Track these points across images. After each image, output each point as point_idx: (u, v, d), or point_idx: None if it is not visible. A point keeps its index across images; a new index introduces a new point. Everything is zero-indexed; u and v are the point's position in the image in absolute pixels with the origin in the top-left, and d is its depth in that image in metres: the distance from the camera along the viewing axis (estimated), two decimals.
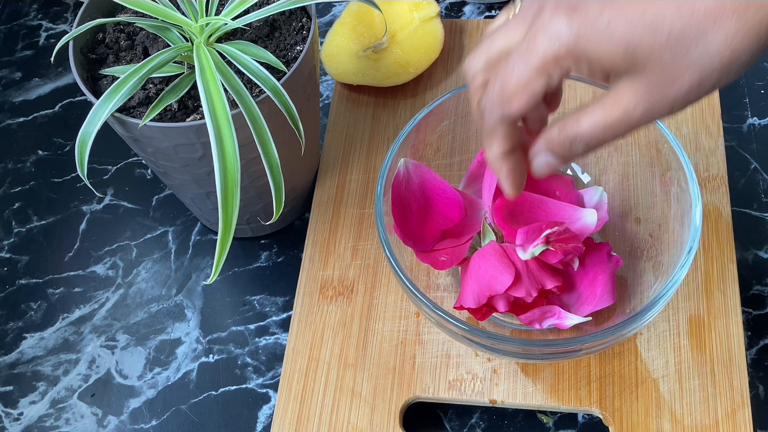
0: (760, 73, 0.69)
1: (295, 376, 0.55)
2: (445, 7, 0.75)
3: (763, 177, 0.63)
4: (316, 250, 0.60)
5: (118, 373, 0.58)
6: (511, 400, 0.53)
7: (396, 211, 0.51)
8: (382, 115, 0.66)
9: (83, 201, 0.67)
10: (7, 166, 0.69)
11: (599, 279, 0.51)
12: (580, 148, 0.38)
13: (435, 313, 0.47)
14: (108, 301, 0.61)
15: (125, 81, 0.47)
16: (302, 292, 0.58)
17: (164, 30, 0.51)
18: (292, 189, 0.60)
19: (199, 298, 0.61)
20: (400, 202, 0.51)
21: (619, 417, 0.51)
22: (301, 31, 0.54)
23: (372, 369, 0.54)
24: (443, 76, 0.68)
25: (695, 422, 0.51)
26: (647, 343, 0.54)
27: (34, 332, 0.60)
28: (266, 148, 0.47)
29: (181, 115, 0.50)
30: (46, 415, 0.57)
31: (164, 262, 0.63)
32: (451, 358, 0.54)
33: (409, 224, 0.51)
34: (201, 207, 0.60)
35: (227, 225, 0.45)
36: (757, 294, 0.58)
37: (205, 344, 0.59)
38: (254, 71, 0.48)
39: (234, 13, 0.50)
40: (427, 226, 0.52)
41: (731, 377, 0.52)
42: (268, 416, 0.56)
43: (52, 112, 0.73)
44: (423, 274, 0.54)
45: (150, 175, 0.68)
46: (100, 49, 0.54)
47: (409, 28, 0.66)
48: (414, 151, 0.55)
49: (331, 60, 0.66)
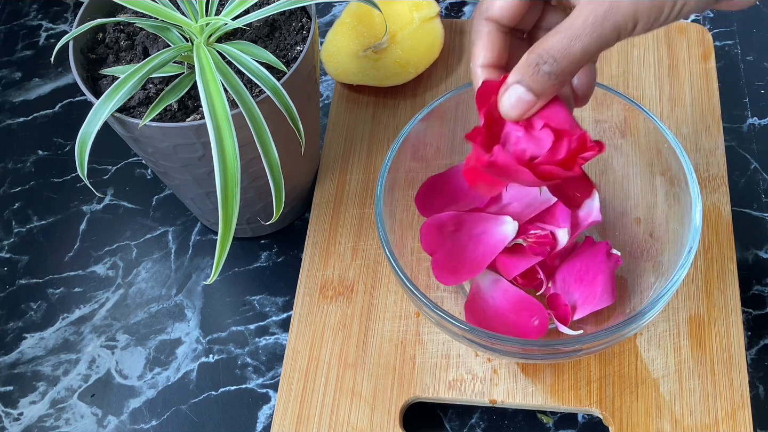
0: (760, 73, 0.69)
1: (295, 376, 0.55)
2: (445, 7, 0.75)
3: (763, 177, 0.63)
4: (316, 250, 0.60)
5: (118, 373, 0.58)
6: (511, 400, 0.53)
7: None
8: (382, 115, 0.66)
9: (83, 201, 0.67)
10: (7, 166, 0.69)
11: (599, 279, 0.51)
12: (549, 68, 0.37)
13: (435, 313, 0.47)
14: (108, 301, 0.61)
15: (125, 81, 0.47)
16: (302, 292, 0.58)
17: (164, 30, 0.51)
18: (292, 189, 0.60)
19: (199, 298, 0.61)
20: None
21: (619, 417, 0.51)
22: (301, 31, 0.54)
23: (372, 369, 0.54)
24: (443, 76, 0.68)
25: (695, 422, 0.51)
26: (647, 343, 0.54)
27: (34, 332, 0.60)
28: (266, 148, 0.47)
29: (181, 115, 0.50)
30: (46, 415, 0.57)
31: (164, 262, 0.63)
32: (451, 358, 0.54)
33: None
34: (201, 207, 0.60)
35: (227, 225, 0.45)
36: (757, 294, 0.58)
37: (205, 344, 0.59)
38: (254, 71, 0.48)
39: (234, 13, 0.50)
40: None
41: (731, 377, 0.52)
42: (268, 416, 0.56)
43: (52, 112, 0.73)
44: (423, 274, 0.54)
45: (150, 175, 0.68)
46: (100, 49, 0.54)
47: (409, 28, 0.66)
48: (414, 151, 0.55)
49: (331, 60, 0.66)
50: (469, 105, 0.56)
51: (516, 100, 0.39)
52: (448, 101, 0.55)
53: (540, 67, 0.37)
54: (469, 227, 0.53)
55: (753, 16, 0.73)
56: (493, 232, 0.52)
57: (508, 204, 0.54)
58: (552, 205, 0.53)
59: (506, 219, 0.52)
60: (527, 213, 0.53)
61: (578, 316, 0.51)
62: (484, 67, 0.42)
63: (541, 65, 0.37)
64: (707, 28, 0.70)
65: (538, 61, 0.37)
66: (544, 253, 0.52)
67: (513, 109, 0.39)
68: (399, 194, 0.54)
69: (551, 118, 0.40)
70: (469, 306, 0.52)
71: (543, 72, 0.37)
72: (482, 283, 0.53)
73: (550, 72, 0.37)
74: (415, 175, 0.56)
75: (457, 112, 0.55)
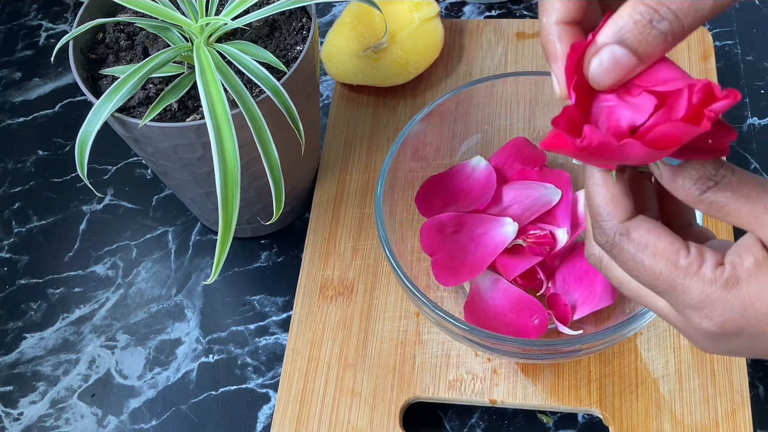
0: (760, 73, 0.69)
1: (295, 376, 0.55)
2: (445, 7, 0.75)
3: (764, 177, 0.63)
4: (316, 250, 0.60)
5: (118, 373, 0.58)
6: (511, 400, 0.53)
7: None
8: (382, 115, 0.66)
9: (83, 201, 0.67)
10: (7, 166, 0.69)
11: (599, 279, 0.51)
12: (667, 26, 0.29)
13: (435, 313, 0.47)
14: (108, 301, 0.61)
15: (125, 81, 0.47)
16: (302, 292, 0.58)
17: (164, 30, 0.51)
18: (292, 189, 0.60)
19: (199, 298, 0.61)
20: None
21: (619, 417, 0.51)
22: (301, 31, 0.54)
23: (372, 369, 0.54)
24: (443, 76, 0.68)
25: (695, 422, 0.51)
26: (647, 343, 0.54)
27: (34, 332, 0.60)
28: (266, 148, 0.47)
29: (181, 115, 0.50)
30: (46, 415, 0.57)
31: (164, 262, 0.63)
32: (451, 358, 0.54)
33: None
34: (201, 207, 0.60)
35: (227, 225, 0.45)
36: None
37: (205, 344, 0.59)
38: (254, 71, 0.48)
39: (234, 13, 0.50)
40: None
41: (731, 377, 0.52)
42: (268, 416, 0.56)
43: (52, 112, 0.73)
44: (423, 274, 0.54)
45: (150, 175, 0.68)
46: (100, 49, 0.54)
47: (409, 28, 0.66)
48: (414, 150, 0.55)
49: (331, 60, 0.66)
50: (469, 105, 0.56)
51: (611, 64, 0.30)
52: (448, 101, 0.55)
53: (654, 24, 0.29)
54: (470, 228, 0.53)
55: (753, 16, 0.73)
56: (493, 234, 0.52)
57: (508, 206, 0.54)
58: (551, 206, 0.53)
59: (506, 220, 0.52)
60: (527, 216, 0.53)
61: (578, 316, 0.51)
62: (561, 24, 0.32)
63: (657, 22, 0.29)
64: (707, 28, 0.70)
65: (653, 17, 0.29)
66: (544, 253, 0.52)
67: (606, 75, 0.31)
68: (399, 194, 0.54)
69: (652, 78, 0.31)
70: (468, 306, 0.52)
71: (658, 31, 0.29)
72: (482, 283, 0.53)
73: (667, 31, 0.29)
74: (415, 175, 0.56)
75: (457, 112, 0.55)
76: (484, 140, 0.58)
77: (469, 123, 0.57)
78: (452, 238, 0.53)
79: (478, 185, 0.55)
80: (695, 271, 0.33)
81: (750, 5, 0.73)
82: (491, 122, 0.57)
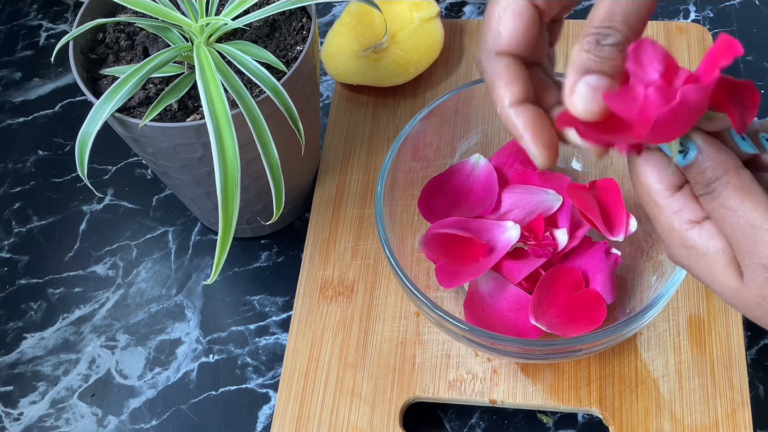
0: (760, 73, 0.69)
1: (295, 376, 0.55)
2: (445, 7, 0.75)
3: None
4: (316, 250, 0.60)
5: (118, 373, 0.58)
6: (511, 400, 0.53)
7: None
8: (382, 115, 0.66)
9: (83, 201, 0.67)
10: (7, 166, 0.69)
11: (598, 278, 0.51)
12: (613, 40, 0.32)
13: (435, 313, 0.47)
14: (108, 301, 0.61)
15: (125, 81, 0.47)
16: (302, 292, 0.58)
17: (164, 30, 0.51)
18: (292, 189, 0.60)
19: (199, 298, 0.61)
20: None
21: (619, 417, 0.51)
22: (301, 31, 0.54)
23: (372, 369, 0.54)
24: (443, 76, 0.68)
25: (695, 422, 0.51)
26: (647, 343, 0.54)
27: (34, 332, 0.60)
28: (266, 148, 0.47)
29: (181, 115, 0.50)
30: (46, 415, 0.57)
31: (164, 262, 0.63)
32: (451, 358, 0.54)
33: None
34: (201, 207, 0.60)
35: (227, 225, 0.45)
36: None
37: (205, 344, 0.59)
38: (254, 71, 0.48)
39: (234, 13, 0.50)
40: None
41: (731, 377, 0.52)
42: (268, 416, 0.56)
43: (52, 112, 0.73)
44: (423, 274, 0.54)
45: (150, 175, 0.68)
46: (100, 49, 0.54)
47: (409, 28, 0.66)
48: (414, 151, 0.55)
49: (331, 60, 0.66)
50: (469, 105, 0.56)
51: (591, 92, 0.32)
52: (448, 101, 0.55)
53: (602, 43, 0.32)
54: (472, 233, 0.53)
55: (753, 16, 0.73)
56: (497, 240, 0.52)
57: (509, 211, 0.54)
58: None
59: (508, 224, 0.52)
60: (528, 221, 0.53)
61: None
62: (515, 105, 0.36)
63: (603, 39, 0.32)
64: (707, 28, 0.70)
65: (598, 39, 0.32)
66: (547, 254, 0.52)
67: (592, 102, 0.33)
68: (399, 194, 0.54)
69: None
70: (468, 306, 0.52)
71: (609, 46, 0.32)
72: (481, 283, 0.53)
73: (616, 42, 0.33)
74: (415, 175, 0.56)
75: (457, 112, 0.55)
76: (484, 140, 0.58)
77: (469, 123, 0.57)
78: (455, 243, 0.53)
79: (478, 184, 0.55)
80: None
81: (750, 5, 0.73)
82: (491, 122, 0.57)
